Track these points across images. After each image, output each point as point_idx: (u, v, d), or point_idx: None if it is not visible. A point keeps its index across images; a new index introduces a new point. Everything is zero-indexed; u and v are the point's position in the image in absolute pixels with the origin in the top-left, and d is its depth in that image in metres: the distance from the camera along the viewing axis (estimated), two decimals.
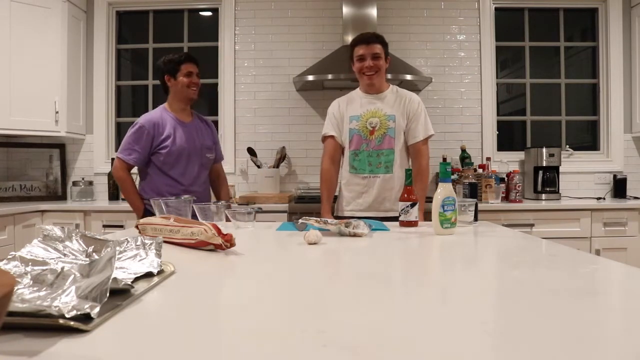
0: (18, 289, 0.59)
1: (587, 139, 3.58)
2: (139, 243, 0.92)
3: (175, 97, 2.28)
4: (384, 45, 2.15)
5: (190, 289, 0.81)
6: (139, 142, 2.18)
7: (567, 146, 3.46)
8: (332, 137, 2.25)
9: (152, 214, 1.68)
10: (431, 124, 2.21)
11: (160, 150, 2.19)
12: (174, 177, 2.22)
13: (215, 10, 3.56)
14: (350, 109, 2.21)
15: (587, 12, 3.55)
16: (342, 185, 2.26)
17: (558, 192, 3.15)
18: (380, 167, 2.14)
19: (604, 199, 3.13)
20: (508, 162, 3.37)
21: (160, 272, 0.85)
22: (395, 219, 1.73)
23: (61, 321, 0.53)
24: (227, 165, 2.98)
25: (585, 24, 3.59)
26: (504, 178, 3.11)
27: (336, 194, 2.36)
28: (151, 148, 2.20)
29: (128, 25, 3.69)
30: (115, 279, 0.65)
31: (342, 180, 2.27)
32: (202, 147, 2.31)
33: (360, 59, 2.13)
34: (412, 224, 1.64)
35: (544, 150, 3.14)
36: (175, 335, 0.55)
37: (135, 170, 2.28)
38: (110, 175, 3.35)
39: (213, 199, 2.54)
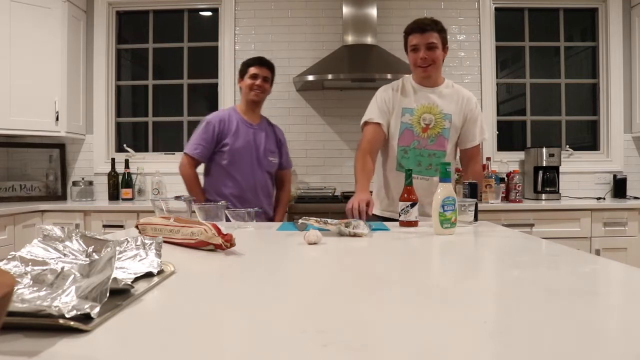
0: (18, 289, 0.59)
1: (587, 139, 3.57)
2: (139, 243, 0.92)
3: (242, 99, 2.36)
4: (442, 32, 1.93)
5: (190, 289, 0.81)
6: (205, 138, 2.24)
7: (567, 146, 3.46)
8: (377, 124, 1.95)
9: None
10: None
11: (222, 148, 2.24)
12: (234, 176, 2.26)
13: (215, 10, 3.56)
14: (404, 99, 1.97)
15: (587, 12, 3.54)
16: (383, 184, 2.04)
17: (558, 192, 3.15)
18: (430, 169, 1.94)
19: (604, 199, 3.13)
20: (508, 162, 3.36)
21: (160, 272, 0.85)
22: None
23: (61, 321, 0.53)
24: None
25: (585, 24, 3.59)
26: (504, 178, 3.11)
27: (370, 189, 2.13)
28: (216, 144, 2.25)
29: (128, 25, 3.69)
30: (115, 279, 0.65)
31: (381, 179, 2.05)
32: (265, 149, 2.34)
33: (413, 49, 1.92)
34: (412, 224, 1.64)
35: (544, 150, 3.14)
36: (175, 335, 0.55)
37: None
38: (110, 175, 3.35)
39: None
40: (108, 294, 0.60)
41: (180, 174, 2.29)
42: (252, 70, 2.27)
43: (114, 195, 3.34)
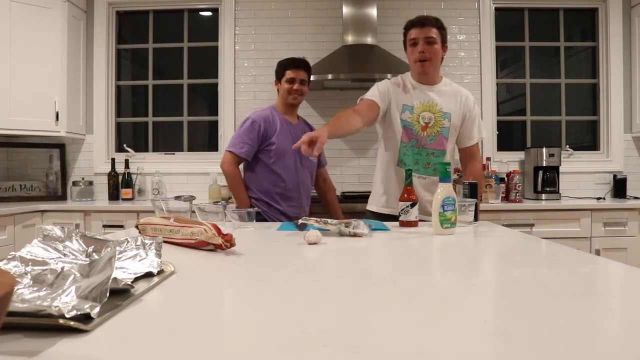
0: (18, 289, 0.59)
1: (587, 139, 3.57)
2: (139, 243, 0.92)
3: (280, 100, 2.38)
4: (441, 29, 1.91)
5: (190, 289, 0.81)
6: (251, 137, 2.24)
7: (567, 146, 3.46)
8: (374, 102, 1.92)
9: (257, 211, 1.84)
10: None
11: (268, 147, 2.25)
12: (281, 175, 2.26)
13: (215, 10, 3.56)
14: (405, 96, 1.95)
15: (587, 12, 3.55)
16: (382, 180, 2.03)
17: (558, 192, 3.15)
18: (429, 168, 1.93)
19: (604, 199, 3.13)
20: (508, 162, 3.36)
21: (160, 272, 0.85)
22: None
23: (61, 321, 0.53)
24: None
25: (585, 24, 3.59)
26: (504, 178, 3.11)
27: (369, 190, 2.16)
28: (261, 143, 2.25)
29: (128, 25, 3.69)
30: (115, 279, 0.65)
31: (381, 174, 2.04)
32: None
33: (412, 44, 1.91)
34: (412, 224, 1.64)
35: (544, 150, 3.14)
36: (175, 335, 0.55)
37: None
38: (110, 175, 3.35)
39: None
40: (108, 294, 0.60)
41: (224, 172, 2.28)
42: (289, 74, 2.29)
43: (114, 195, 3.34)
